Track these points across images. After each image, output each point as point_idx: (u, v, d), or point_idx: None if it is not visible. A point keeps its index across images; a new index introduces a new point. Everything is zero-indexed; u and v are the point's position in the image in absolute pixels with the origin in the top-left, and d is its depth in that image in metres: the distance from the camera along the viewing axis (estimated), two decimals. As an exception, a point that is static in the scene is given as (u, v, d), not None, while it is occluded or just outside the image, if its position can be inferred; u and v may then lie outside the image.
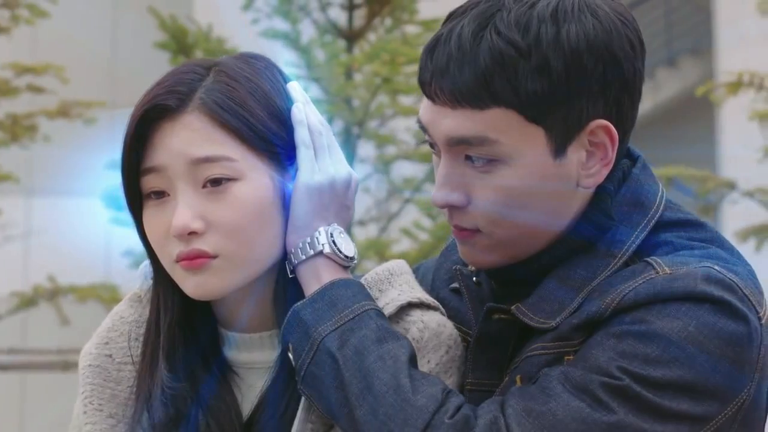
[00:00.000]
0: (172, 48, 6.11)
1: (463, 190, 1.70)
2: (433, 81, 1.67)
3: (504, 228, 1.69)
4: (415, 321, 1.75)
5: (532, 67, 1.62)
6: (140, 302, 1.87)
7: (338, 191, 1.77)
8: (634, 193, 1.74)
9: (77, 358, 1.87)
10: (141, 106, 1.73)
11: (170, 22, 6.04)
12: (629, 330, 1.59)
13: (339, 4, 6.75)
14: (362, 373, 1.62)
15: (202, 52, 6.16)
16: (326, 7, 6.70)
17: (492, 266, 1.75)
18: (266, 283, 1.77)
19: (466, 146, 1.67)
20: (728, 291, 1.61)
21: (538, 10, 1.64)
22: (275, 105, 1.76)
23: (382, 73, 5.93)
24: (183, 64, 1.80)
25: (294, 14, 6.74)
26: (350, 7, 6.75)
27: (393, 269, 1.83)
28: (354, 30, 6.71)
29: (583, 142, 1.68)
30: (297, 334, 1.68)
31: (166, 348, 1.76)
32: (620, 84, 1.67)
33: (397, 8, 6.76)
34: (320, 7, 6.70)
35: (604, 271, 1.68)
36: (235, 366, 1.80)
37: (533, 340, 1.69)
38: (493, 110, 1.64)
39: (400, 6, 6.74)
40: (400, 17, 6.85)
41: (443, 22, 1.71)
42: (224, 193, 1.70)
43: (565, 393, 1.57)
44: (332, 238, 1.74)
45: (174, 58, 6.13)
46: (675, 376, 1.56)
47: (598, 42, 1.64)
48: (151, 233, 1.74)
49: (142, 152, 1.73)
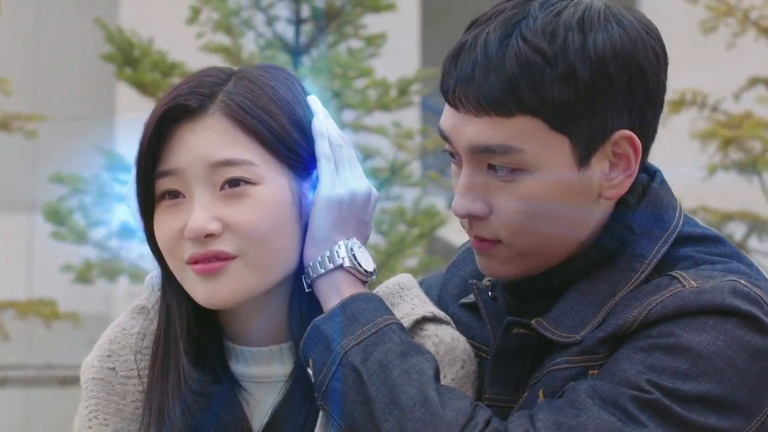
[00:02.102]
0: (118, 60, 6.05)
1: (484, 200, 1.68)
2: (457, 88, 1.65)
3: (525, 239, 1.68)
4: (430, 335, 1.73)
5: (559, 75, 1.61)
6: (143, 314, 1.82)
7: (358, 205, 1.75)
8: (654, 208, 1.73)
9: (15, 373, 1.82)
10: (161, 106, 1.70)
11: (117, 34, 5.98)
12: (657, 343, 1.59)
13: (286, 18, 6.73)
14: (387, 388, 1.59)
15: (149, 64, 6.11)
16: (273, 22, 6.68)
17: (512, 277, 1.74)
18: (279, 295, 1.74)
19: (490, 155, 1.65)
20: (755, 305, 1.61)
21: (564, 18, 1.63)
22: (297, 114, 1.73)
23: (334, 87, 5.91)
24: (203, 69, 1.77)
25: (235, 28, 6.71)
26: (297, 22, 6.73)
27: (402, 283, 1.81)
28: (301, 44, 6.70)
29: (607, 153, 1.67)
30: (318, 349, 1.66)
31: (183, 359, 1.72)
32: (645, 95, 1.66)
33: (344, 23, 6.76)
34: (267, 21, 6.68)
35: (626, 285, 1.68)
36: (243, 380, 1.77)
37: (555, 355, 1.68)
38: (518, 118, 1.63)
39: (347, 20, 6.74)
40: (346, 32, 6.85)
41: (465, 29, 1.70)
42: (242, 195, 1.67)
43: (595, 407, 1.56)
44: (352, 252, 1.71)
45: (120, 70, 6.06)
46: (704, 390, 1.56)
47: (624, 51, 1.64)
48: (163, 235, 1.71)
49: (158, 154, 1.69)
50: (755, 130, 6.83)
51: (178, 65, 6.19)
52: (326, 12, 6.68)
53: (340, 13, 6.64)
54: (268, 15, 6.67)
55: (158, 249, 1.74)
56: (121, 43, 5.98)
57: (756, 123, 6.87)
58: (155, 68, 6.18)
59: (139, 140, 1.73)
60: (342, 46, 6.86)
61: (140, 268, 7.12)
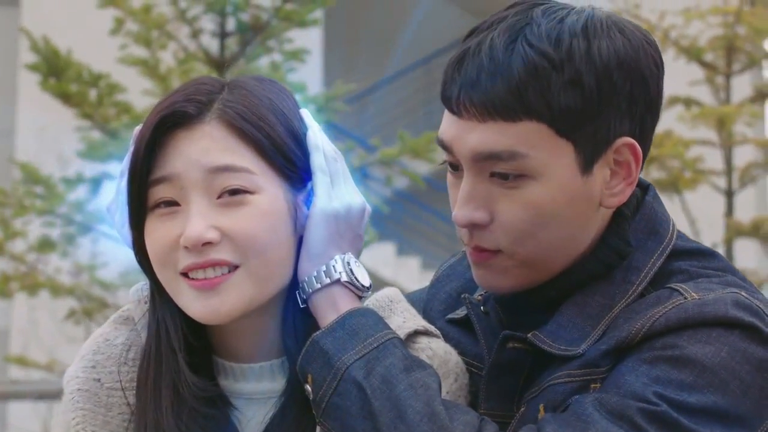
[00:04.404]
0: (42, 70, 5.94)
1: (486, 208, 1.66)
2: (461, 94, 1.63)
3: (526, 247, 1.67)
4: (423, 348, 1.72)
5: (565, 81, 1.61)
6: (127, 324, 1.78)
7: (353, 220, 1.72)
8: (649, 221, 1.74)
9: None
10: (157, 113, 1.66)
11: (42, 44, 5.87)
12: (661, 355, 1.59)
13: (211, 31, 6.67)
14: (392, 402, 1.57)
15: (73, 74, 6.01)
16: (198, 35, 6.61)
17: (509, 290, 1.73)
18: (271, 311, 1.71)
19: (494, 161, 1.64)
20: (756, 317, 1.62)
21: (568, 25, 1.63)
22: (293, 125, 1.71)
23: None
24: (197, 77, 1.74)
25: (152, 40, 6.63)
26: (222, 35, 6.67)
27: (391, 296, 1.80)
28: (226, 58, 6.64)
29: (609, 160, 1.67)
30: (317, 364, 1.63)
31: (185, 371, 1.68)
32: (645, 103, 1.67)
33: (269, 37, 6.72)
34: (192, 34, 6.61)
35: (624, 298, 1.68)
36: (233, 397, 1.73)
37: (554, 369, 1.67)
38: (524, 123, 1.62)
39: (272, 35, 6.71)
40: (270, 46, 6.81)
41: (464, 38, 1.69)
42: (240, 204, 1.64)
43: (603, 420, 1.56)
44: (349, 267, 1.69)
45: (44, 80, 5.96)
46: (709, 402, 1.57)
47: (627, 59, 1.64)
48: (156, 245, 1.66)
49: (153, 161, 1.66)
50: (675, 149, 6.92)
51: (102, 77, 6.10)
52: (252, 26, 6.63)
53: (267, 27, 6.59)
54: (193, 28, 6.60)
55: (147, 260, 1.70)
56: (46, 53, 5.87)
57: (676, 141, 6.97)
58: (78, 78, 6.08)
59: (132, 148, 1.69)
60: (264, 60, 6.81)
61: (58, 283, 7.00)
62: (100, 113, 6.14)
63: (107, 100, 6.19)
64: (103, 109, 6.16)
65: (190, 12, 6.59)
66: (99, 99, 6.13)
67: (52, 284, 6.71)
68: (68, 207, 6.33)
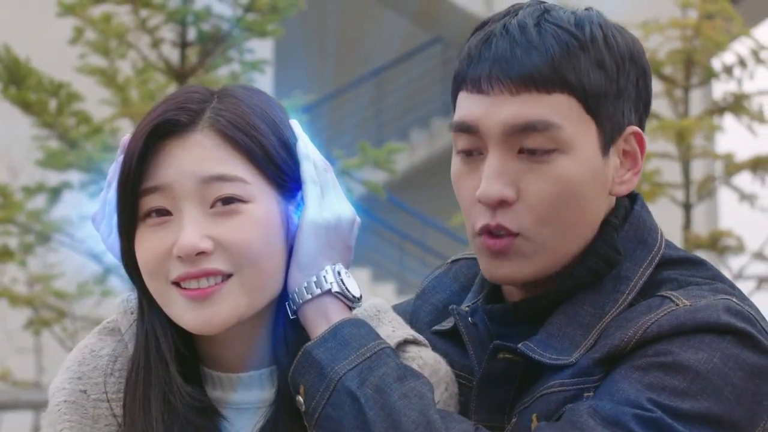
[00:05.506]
0: (3, 79, 5.88)
1: (514, 185, 1.68)
2: (493, 69, 1.67)
3: (547, 228, 1.68)
4: (414, 357, 1.72)
5: (592, 60, 1.67)
6: (112, 335, 1.76)
7: (343, 230, 1.72)
8: (637, 230, 1.75)
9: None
10: (149, 122, 1.65)
11: (4, 53, 5.81)
12: (654, 362, 1.60)
13: (171, 41, 6.63)
14: (386, 412, 1.56)
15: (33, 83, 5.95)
16: (159, 44, 6.57)
17: (523, 279, 1.72)
18: (260, 322, 1.69)
19: (527, 134, 1.66)
20: (748, 323, 1.63)
21: (582, 15, 1.71)
22: (284, 135, 1.71)
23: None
24: (185, 86, 1.73)
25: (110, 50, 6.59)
26: (182, 45, 6.64)
27: (378, 306, 1.79)
28: (186, 68, 6.60)
29: (619, 147, 1.72)
30: (310, 375, 1.62)
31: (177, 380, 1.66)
32: (646, 98, 1.75)
33: (229, 47, 6.69)
34: (152, 44, 6.57)
35: (614, 307, 1.69)
36: (221, 407, 1.72)
37: (545, 378, 1.67)
38: (557, 95, 1.66)
39: (232, 45, 6.68)
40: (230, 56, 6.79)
41: (474, 30, 1.73)
42: (233, 213, 1.63)
43: (598, 426, 1.56)
44: (340, 277, 1.68)
45: (5, 88, 5.90)
46: (703, 408, 1.57)
47: (635, 53, 1.72)
48: (147, 255, 1.65)
49: (143, 171, 1.64)
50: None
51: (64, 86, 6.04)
52: (212, 36, 6.60)
53: (227, 37, 6.57)
54: (154, 37, 6.56)
55: (136, 270, 1.69)
56: (7, 61, 5.81)
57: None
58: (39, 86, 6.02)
59: (123, 158, 1.67)
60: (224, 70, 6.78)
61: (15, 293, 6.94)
62: (60, 122, 6.08)
63: (67, 110, 6.13)
64: (62, 118, 6.10)
65: (150, 21, 6.55)
66: (59, 108, 6.07)
67: (9, 294, 6.63)
68: (26, 216, 6.26)
